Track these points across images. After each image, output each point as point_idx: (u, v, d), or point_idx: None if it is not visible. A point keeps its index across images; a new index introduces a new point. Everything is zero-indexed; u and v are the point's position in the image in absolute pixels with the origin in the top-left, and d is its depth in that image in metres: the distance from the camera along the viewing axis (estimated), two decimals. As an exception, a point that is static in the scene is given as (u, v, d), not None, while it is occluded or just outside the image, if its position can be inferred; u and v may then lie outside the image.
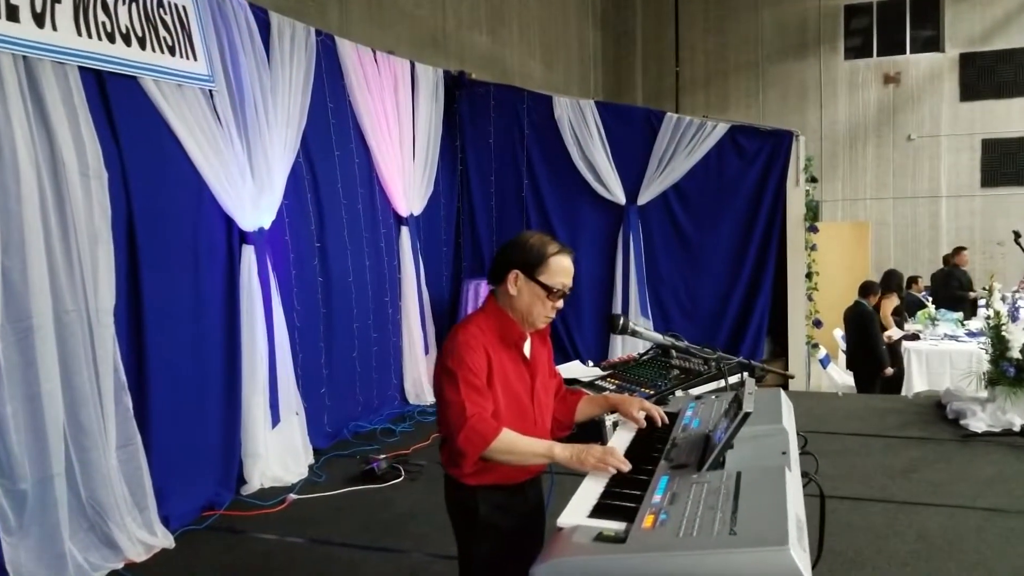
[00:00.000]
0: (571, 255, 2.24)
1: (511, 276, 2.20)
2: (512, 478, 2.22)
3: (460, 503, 2.26)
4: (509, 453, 2.06)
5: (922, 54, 15.57)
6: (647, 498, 1.64)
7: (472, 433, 2.02)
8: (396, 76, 6.61)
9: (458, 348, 2.13)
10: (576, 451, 2.03)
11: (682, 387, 2.68)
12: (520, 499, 2.26)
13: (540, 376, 2.31)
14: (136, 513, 3.88)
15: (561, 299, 2.23)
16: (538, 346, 2.34)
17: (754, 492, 1.56)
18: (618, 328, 2.27)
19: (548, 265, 2.18)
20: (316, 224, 5.57)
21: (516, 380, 2.22)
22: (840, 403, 6.69)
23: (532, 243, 2.21)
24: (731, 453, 1.89)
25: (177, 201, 4.34)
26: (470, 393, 2.06)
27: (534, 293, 2.19)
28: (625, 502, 1.68)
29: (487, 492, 2.20)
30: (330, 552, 3.91)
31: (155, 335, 4.14)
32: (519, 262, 2.20)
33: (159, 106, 4.21)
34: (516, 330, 2.23)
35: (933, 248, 15.36)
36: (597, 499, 1.71)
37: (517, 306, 2.21)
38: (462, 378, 2.07)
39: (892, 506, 4.22)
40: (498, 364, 2.17)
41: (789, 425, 2.10)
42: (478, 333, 2.17)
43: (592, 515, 1.63)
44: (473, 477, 2.17)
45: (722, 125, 7.10)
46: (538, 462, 2.11)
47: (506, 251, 2.25)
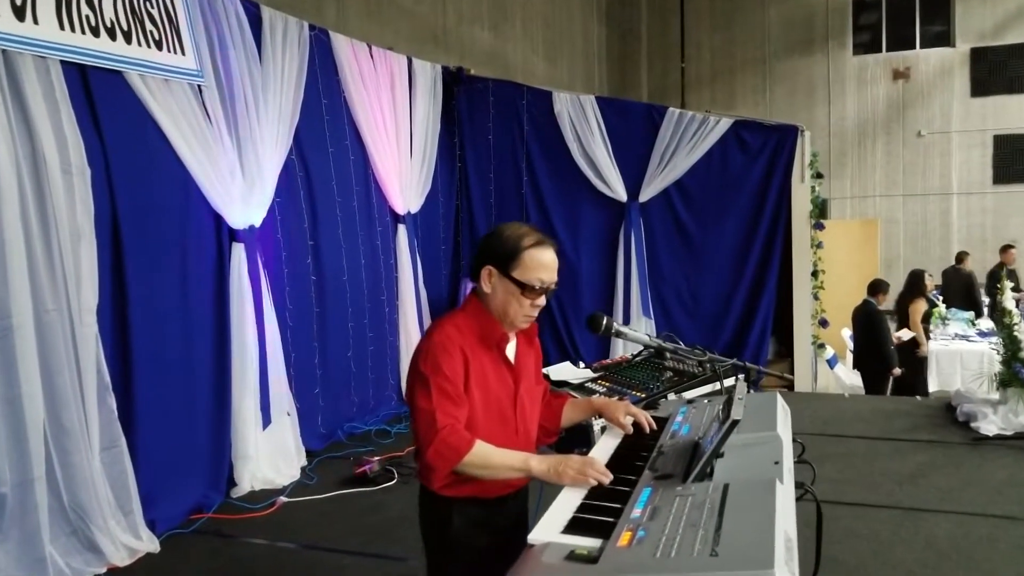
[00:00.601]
0: (551, 247, 2.06)
1: (484, 272, 2.05)
2: (492, 491, 2.07)
3: (432, 516, 2.12)
4: (483, 467, 1.92)
5: (932, 49, 15.36)
6: (626, 512, 1.53)
7: (443, 447, 1.88)
8: (392, 72, 6.51)
9: (433, 351, 1.99)
10: (553, 464, 1.90)
11: (675, 390, 2.56)
12: (499, 514, 2.11)
13: (525, 382, 2.16)
14: (120, 516, 3.80)
15: (541, 297, 2.05)
16: (524, 349, 2.20)
17: (741, 507, 1.45)
18: (600, 328, 2.14)
19: (522, 260, 2.00)
20: (309, 222, 5.47)
21: (497, 385, 2.08)
22: (846, 405, 6.55)
23: (506, 235, 2.03)
24: (721, 462, 1.77)
25: (164, 198, 4.25)
26: (443, 402, 1.92)
27: (508, 291, 2.02)
28: (603, 516, 1.57)
29: (463, 506, 2.06)
30: (318, 557, 3.81)
31: (141, 335, 4.06)
32: (492, 257, 2.04)
33: (145, 101, 4.13)
34: (498, 330, 2.08)
35: (944, 246, 15.16)
36: (573, 513, 1.60)
37: (493, 305, 2.06)
38: (435, 385, 1.93)
39: (898, 513, 4.09)
40: (477, 367, 2.03)
41: (784, 432, 1.98)
42: (455, 334, 2.02)
43: (566, 531, 1.52)
44: (448, 488, 2.03)
45: (725, 120, 6.96)
46: (514, 476, 1.98)
47: (482, 245, 2.09)
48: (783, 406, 2.20)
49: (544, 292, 2.05)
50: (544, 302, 2.08)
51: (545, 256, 2.03)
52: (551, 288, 2.07)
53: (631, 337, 2.25)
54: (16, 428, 3.36)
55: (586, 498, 1.69)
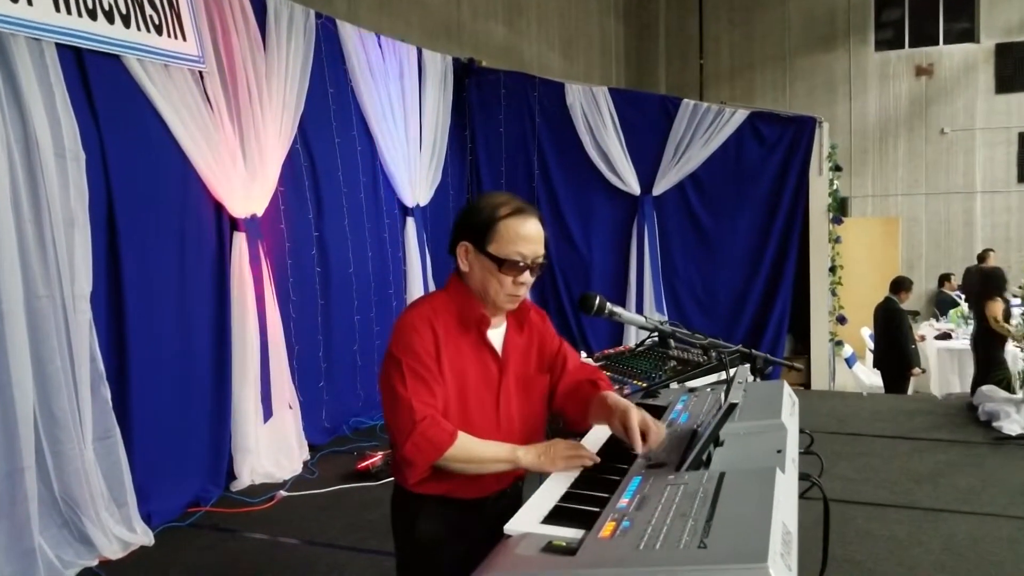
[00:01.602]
0: (533, 216, 1.83)
1: (460, 249, 1.86)
2: (467, 492, 1.87)
3: (400, 515, 1.95)
4: (467, 461, 1.75)
5: (956, 45, 15.06)
6: (612, 502, 1.40)
7: (422, 440, 1.71)
8: (402, 62, 6.41)
9: (402, 330, 1.82)
10: (542, 450, 1.76)
11: (678, 379, 2.44)
12: (474, 520, 1.88)
13: (514, 369, 1.94)
14: (114, 509, 3.72)
15: (524, 273, 1.82)
16: (515, 335, 1.97)
17: (736, 497, 1.32)
18: (592, 308, 2.01)
19: (498, 232, 1.79)
20: (314, 213, 5.37)
21: (476, 371, 1.89)
22: (864, 403, 6.37)
23: (481, 206, 1.83)
24: (719, 451, 1.65)
25: (162, 185, 4.16)
26: (418, 388, 1.75)
27: (485, 268, 1.82)
28: (588, 506, 1.44)
29: (434, 506, 1.87)
30: (314, 553, 3.71)
31: (137, 324, 3.98)
32: (467, 231, 1.84)
33: (144, 86, 4.05)
34: (476, 310, 1.87)
35: (967, 245, 14.88)
36: (555, 502, 1.48)
37: (472, 284, 1.87)
38: (407, 367, 1.76)
39: (917, 513, 3.93)
40: (452, 350, 1.84)
41: (790, 421, 1.85)
42: (429, 312, 1.85)
43: (547, 521, 1.39)
44: (418, 485, 1.82)
45: (741, 112, 6.80)
46: (501, 468, 1.79)
47: (458, 218, 1.89)
48: (790, 395, 2.07)
49: (528, 268, 1.83)
50: (529, 279, 1.87)
51: (525, 226, 1.81)
52: (537, 263, 1.85)
53: (626, 318, 2.12)
54: (5, 416, 3.28)
55: (572, 487, 1.57)
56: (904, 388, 7.61)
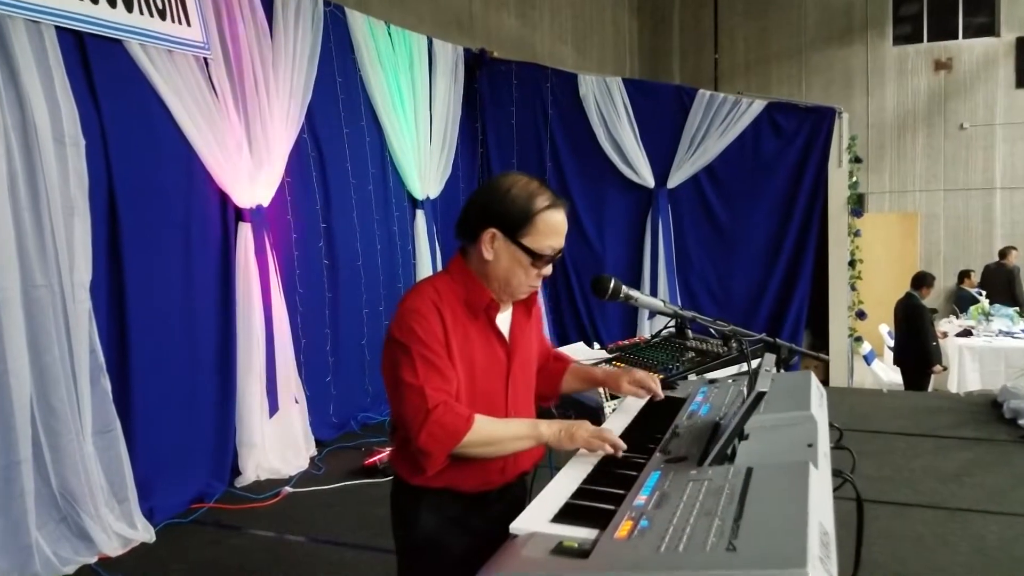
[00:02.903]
0: (564, 208, 1.77)
1: (486, 235, 1.73)
2: (469, 484, 1.77)
3: (401, 511, 1.84)
4: (487, 445, 1.67)
5: (976, 39, 14.82)
6: (629, 498, 1.28)
7: (438, 429, 1.61)
8: (412, 52, 6.29)
9: (405, 316, 1.72)
10: (566, 426, 1.68)
11: (696, 370, 2.31)
12: (479, 513, 1.79)
13: (521, 356, 1.87)
14: (114, 504, 3.63)
15: (549, 266, 1.78)
16: (521, 320, 1.89)
17: (767, 494, 1.20)
18: (607, 292, 1.89)
19: (535, 224, 1.71)
20: (322, 204, 5.27)
21: (485, 359, 1.79)
22: (885, 400, 6.22)
23: (515, 193, 1.72)
24: (744, 445, 1.53)
25: (165, 173, 4.07)
26: (430, 375, 1.66)
27: (515, 259, 1.73)
28: (602, 503, 1.32)
29: (435, 499, 1.77)
30: (319, 550, 3.61)
31: (139, 315, 3.89)
32: (497, 218, 1.73)
33: (146, 72, 3.96)
34: (486, 295, 1.78)
35: (986, 242, 14.63)
36: (567, 499, 1.36)
37: (493, 273, 1.77)
38: (417, 354, 1.66)
39: (943, 513, 3.78)
40: (460, 337, 1.75)
41: (819, 413, 1.72)
42: (434, 296, 1.74)
43: (557, 519, 1.27)
44: (423, 477, 1.73)
45: (758, 102, 6.65)
46: (524, 446, 1.72)
47: (481, 200, 1.77)
48: (818, 386, 1.94)
49: (553, 260, 1.79)
50: (550, 271, 1.82)
51: (559, 219, 1.77)
52: (558, 256, 1.81)
53: (643, 302, 1.99)
54: (1, 408, 3.20)
55: (584, 482, 1.45)
56: (924, 386, 7.45)
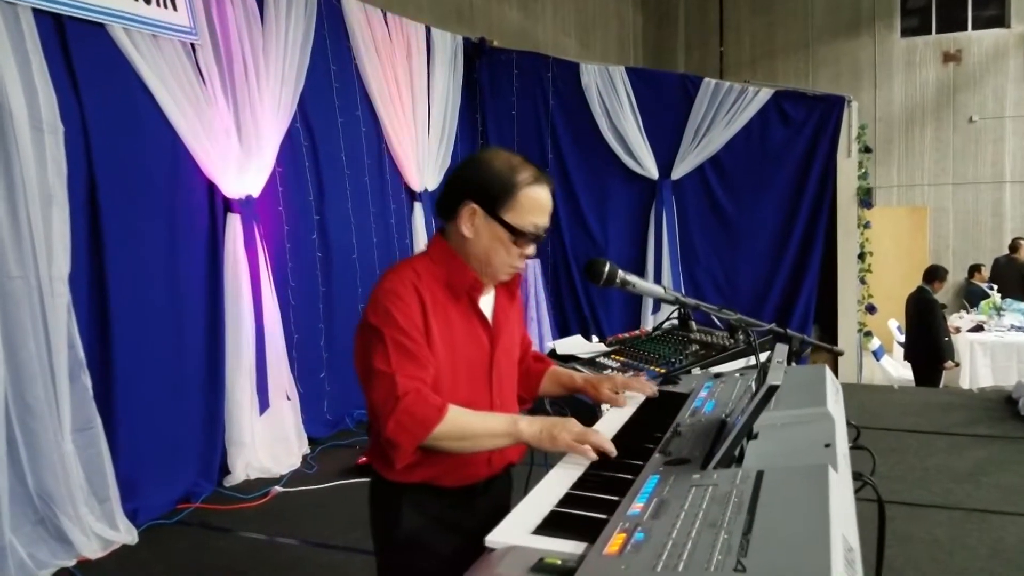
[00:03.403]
0: (549, 185, 1.68)
1: (466, 211, 1.65)
2: (451, 479, 1.67)
3: (380, 509, 1.73)
4: (460, 439, 1.54)
5: (985, 31, 14.61)
6: (622, 507, 1.13)
7: (407, 418, 1.50)
8: (409, 41, 6.13)
9: (382, 298, 1.60)
10: (548, 425, 1.53)
11: (701, 364, 2.16)
12: (463, 510, 1.69)
13: (504, 342, 1.77)
14: (95, 504, 3.49)
15: (533, 245, 1.68)
16: (504, 303, 1.79)
17: (781, 502, 1.05)
18: (601, 276, 1.74)
19: (517, 200, 1.62)
20: (315, 195, 5.12)
21: (467, 343, 1.69)
22: (896, 397, 6.05)
23: (496, 167, 1.64)
24: (754, 445, 1.37)
25: (149, 161, 3.93)
26: (402, 361, 1.54)
27: (496, 236, 1.64)
28: (592, 511, 1.17)
29: (415, 496, 1.67)
30: (307, 552, 3.47)
31: (122, 308, 3.74)
32: (477, 192, 1.64)
33: (130, 57, 3.82)
34: (469, 276, 1.68)
35: (996, 236, 14.43)
36: (552, 507, 1.20)
37: (473, 251, 1.67)
38: (390, 339, 1.55)
39: (959, 514, 3.62)
40: (441, 320, 1.64)
41: (836, 410, 1.56)
42: (412, 277, 1.63)
43: (540, 530, 1.12)
44: (401, 473, 1.63)
45: (765, 91, 6.47)
46: (500, 444, 1.58)
47: (461, 175, 1.69)
48: (833, 381, 1.79)
49: (537, 239, 1.68)
50: (534, 251, 1.70)
51: (544, 195, 1.67)
52: (543, 235, 1.69)
53: (641, 288, 1.84)
54: (-26, 405, 3.07)
55: (574, 487, 1.29)
56: (936, 382, 7.27)
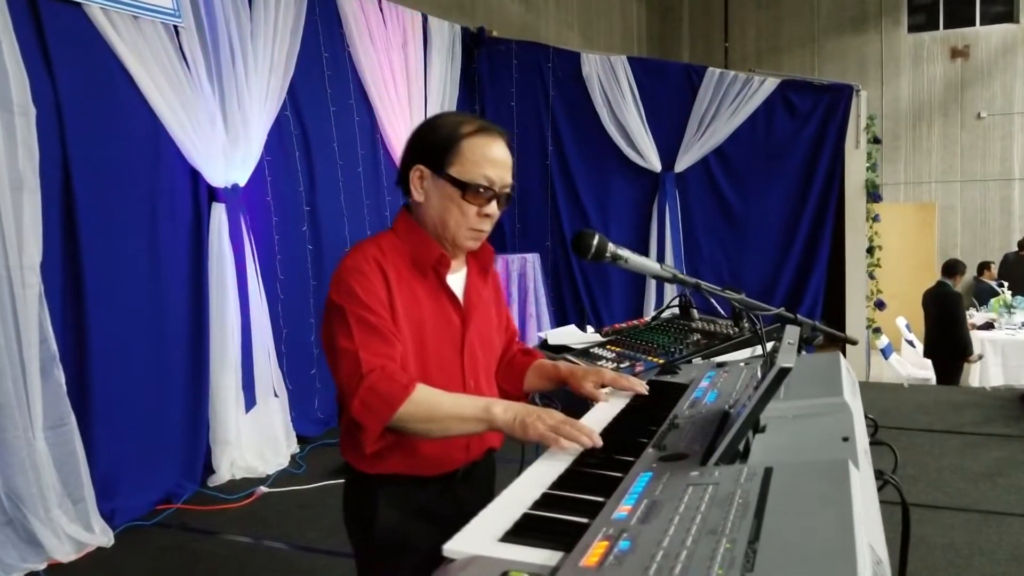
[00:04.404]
0: (501, 137, 1.55)
1: (414, 175, 1.55)
2: (428, 467, 1.55)
3: (354, 502, 1.61)
4: (427, 421, 1.41)
5: (993, 26, 14.42)
6: (607, 509, 0.96)
7: (372, 396, 1.39)
8: (405, 29, 5.97)
9: (344, 275, 1.50)
10: (523, 412, 1.38)
11: (703, 354, 1.99)
12: (445, 500, 1.58)
13: (477, 323, 1.64)
14: (68, 505, 3.34)
15: (491, 203, 1.54)
16: (476, 281, 1.67)
17: (794, 503, 0.88)
18: (590, 250, 1.57)
19: (460, 151, 1.50)
20: (306, 186, 4.96)
21: (436, 323, 1.57)
22: (906, 395, 5.86)
23: (439, 124, 1.55)
24: (761, 440, 1.20)
25: (128, 147, 3.78)
26: (367, 337, 1.43)
27: (445, 194, 1.52)
28: (572, 515, 1.00)
29: (391, 487, 1.55)
30: (288, 556, 3.30)
31: (98, 301, 3.59)
32: (422, 152, 1.54)
33: (108, 39, 3.67)
34: (434, 250, 1.56)
35: (1004, 234, 14.24)
36: (525, 509, 1.03)
37: (428, 217, 1.56)
38: (353, 316, 1.45)
39: (976, 516, 3.44)
40: (407, 298, 1.52)
41: (853, 401, 1.39)
42: (376, 253, 1.52)
43: (509, 536, 0.95)
44: (374, 463, 1.52)
45: (771, 80, 6.30)
46: (472, 429, 1.44)
47: (409, 143, 1.59)
48: (849, 370, 1.61)
49: (495, 197, 1.54)
50: (496, 210, 1.56)
51: (492, 147, 1.54)
52: (504, 192, 1.56)
53: (635, 264, 1.67)
54: (-62, 400, 2.91)
55: (553, 486, 1.12)
56: (958, 378, 7.08)
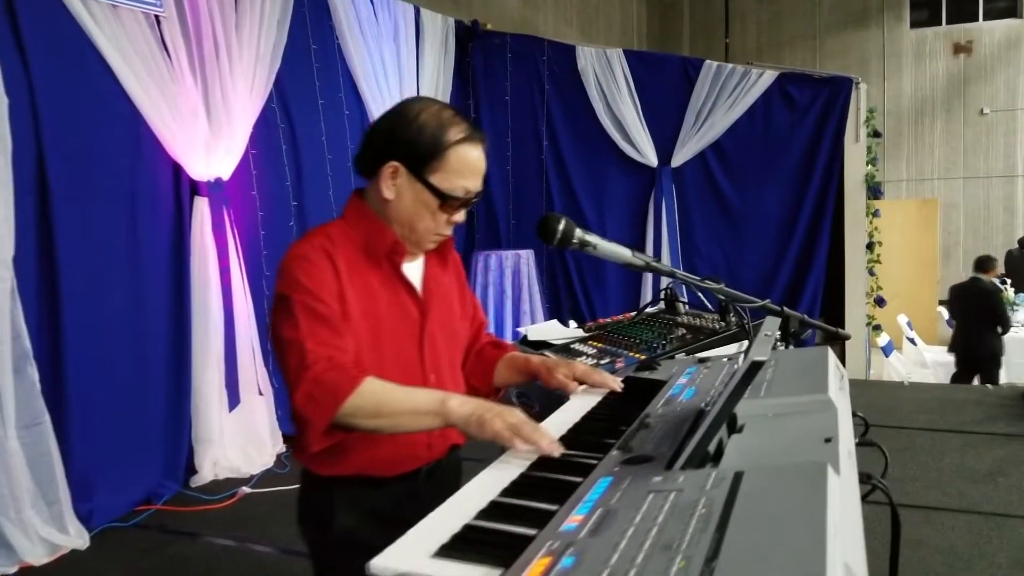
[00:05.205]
0: (482, 144, 1.47)
1: (387, 170, 1.44)
2: (388, 466, 1.47)
3: (309, 505, 1.52)
4: (376, 416, 1.32)
5: (996, 21, 14.31)
6: (556, 520, 0.86)
7: (317, 388, 1.30)
8: (397, 22, 5.88)
9: (289, 264, 1.41)
10: (481, 409, 1.28)
11: (686, 350, 1.89)
12: (410, 501, 1.45)
13: (438, 313, 1.55)
14: (43, 506, 3.25)
15: (462, 211, 1.49)
16: (435, 269, 1.58)
17: (762, 513, 0.78)
18: (555, 235, 1.48)
19: (446, 160, 1.42)
20: (293, 180, 4.86)
21: (392, 314, 1.48)
22: (907, 393, 5.77)
23: (423, 121, 1.43)
24: (737, 440, 1.10)
25: (106, 140, 3.69)
26: (315, 327, 1.35)
27: (420, 200, 1.44)
28: (520, 525, 0.90)
29: (348, 489, 1.46)
30: (268, 559, 3.21)
31: (74, 296, 3.50)
32: (401, 149, 1.43)
33: (85, 27, 3.58)
34: (388, 237, 1.48)
35: (1007, 232, 14.13)
36: (467, 520, 0.93)
37: (395, 215, 1.47)
38: (299, 304, 1.36)
39: (977, 518, 3.34)
40: (359, 288, 1.43)
41: (840, 399, 1.29)
42: (324, 242, 1.43)
43: (443, 551, 0.85)
44: (329, 464, 1.43)
45: (769, 73, 6.19)
46: (427, 425, 1.35)
47: (383, 128, 1.47)
48: (837, 365, 1.51)
49: (467, 204, 1.49)
50: (463, 217, 1.50)
51: (476, 156, 1.47)
52: (474, 199, 1.51)
53: (603, 250, 1.57)
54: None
55: (504, 493, 1.02)
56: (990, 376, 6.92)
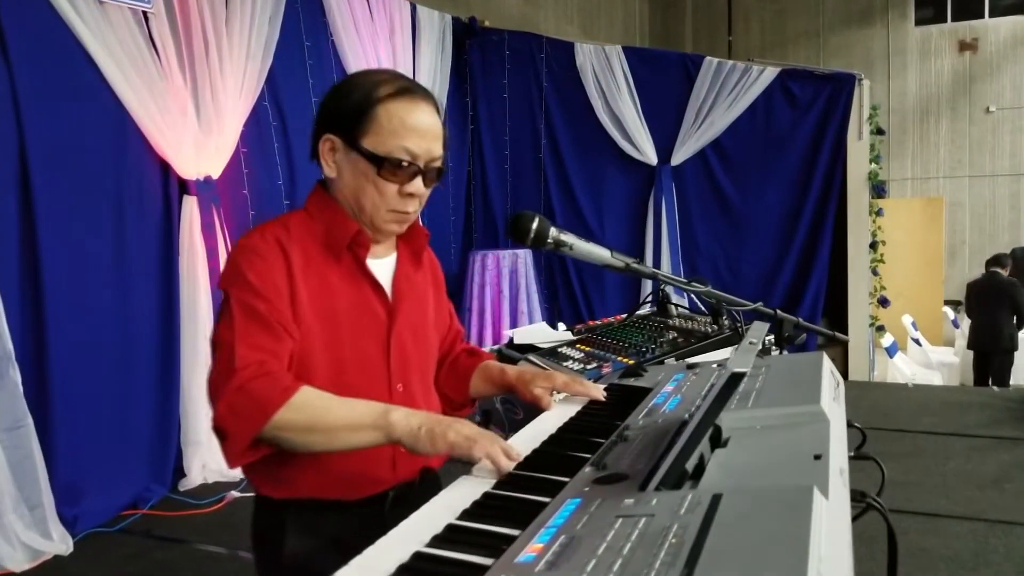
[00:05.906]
0: (426, 101, 1.31)
1: (324, 146, 1.33)
2: (353, 487, 1.33)
3: (261, 530, 1.41)
4: (309, 430, 1.16)
5: (1003, 18, 14.21)
6: (514, 548, 0.78)
7: (241, 398, 1.14)
8: (392, 19, 5.81)
9: (236, 256, 1.28)
10: (431, 421, 1.15)
11: (676, 354, 1.81)
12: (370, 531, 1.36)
13: (408, 315, 1.41)
14: (24, 511, 3.19)
15: (415, 180, 1.30)
16: (408, 268, 1.44)
17: (739, 544, 0.70)
18: (528, 235, 1.39)
19: (376, 119, 1.27)
20: (286, 179, 4.79)
21: (354, 314, 1.34)
22: (911, 395, 5.68)
23: (354, 84, 1.31)
24: (720, 456, 1.02)
25: (92, 138, 3.64)
26: (250, 328, 1.20)
27: (358, 170, 1.30)
28: (476, 553, 0.82)
29: (304, 515, 1.33)
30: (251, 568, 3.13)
31: (59, 297, 3.44)
32: (333, 120, 1.31)
33: (71, 23, 3.53)
34: (350, 227, 1.34)
35: (1013, 231, 14.03)
36: (420, 546, 0.85)
37: (342, 195, 1.34)
38: (238, 302, 1.23)
39: (982, 525, 3.26)
40: (315, 285, 1.30)
41: (833, 409, 1.20)
42: (279, 232, 1.30)
43: (391, 583, 0.77)
44: (272, 486, 1.32)
45: (771, 70, 6.11)
46: (365, 441, 1.18)
47: (320, 106, 1.36)
48: (832, 372, 1.42)
49: (419, 172, 1.31)
50: (423, 190, 1.33)
51: (415, 114, 1.29)
52: (433, 167, 1.33)
53: (580, 250, 1.47)
54: None
55: (462, 516, 0.94)
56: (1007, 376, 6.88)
